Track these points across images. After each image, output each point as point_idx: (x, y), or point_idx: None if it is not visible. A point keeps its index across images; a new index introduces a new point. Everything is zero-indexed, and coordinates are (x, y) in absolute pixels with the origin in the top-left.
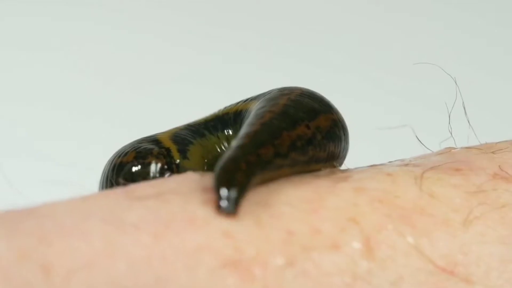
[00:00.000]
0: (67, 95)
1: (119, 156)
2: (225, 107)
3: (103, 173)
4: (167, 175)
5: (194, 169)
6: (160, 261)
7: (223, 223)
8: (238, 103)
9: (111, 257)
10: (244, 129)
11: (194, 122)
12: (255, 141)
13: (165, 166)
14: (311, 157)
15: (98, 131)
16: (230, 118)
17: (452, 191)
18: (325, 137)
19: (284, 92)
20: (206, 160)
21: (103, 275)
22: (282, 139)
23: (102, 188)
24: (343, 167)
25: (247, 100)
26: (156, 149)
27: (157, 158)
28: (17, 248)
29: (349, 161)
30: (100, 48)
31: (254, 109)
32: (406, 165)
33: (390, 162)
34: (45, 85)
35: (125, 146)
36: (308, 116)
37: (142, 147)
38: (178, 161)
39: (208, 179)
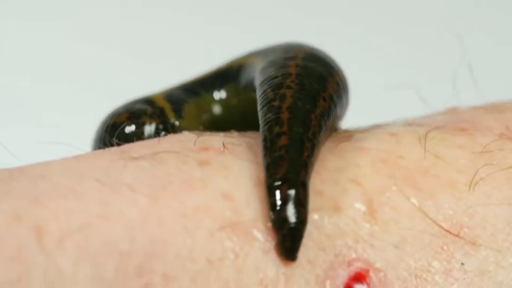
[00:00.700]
0: (57, 60)
1: (112, 117)
2: (227, 62)
3: (96, 134)
4: (162, 134)
5: (189, 129)
6: (157, 223)
7: (221, 184)
8: (240, 57)
9: (107, 219)
10: (271, 114)
11: (188, 81)
12: (296, 146)
13: (160, 126)
14: (326, 127)
15: (90, 93)
16: (233, 71)
17: (457, 152)
18: (335, 105)
19: (289, 56)
20: (201, 120)
21: (98, 237)
22: (313, 126)
23: (96, 149)
24: (344, 126)
25: (249, 54)
26: (149, 109)
27: (151, 118)
28: (9, 210)
29: (352, 121)
30: (94, 12)
31: (262, 72)
32: (410, 124)
33: (393, 121)
34: (33, 50)
35: (118, 107)
36: (320, 85)
37: (135, 108)
38: (172, 120)
39: (204, 138)
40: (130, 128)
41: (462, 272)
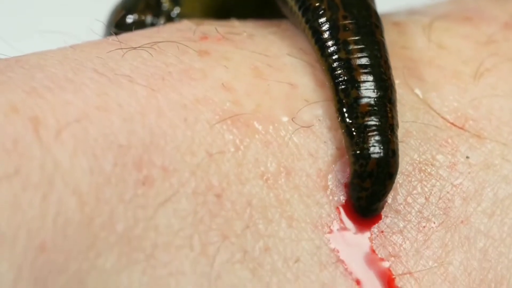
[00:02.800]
0: None
1: (111, 16)
2: None
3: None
4: (161, 23)
5: (189, 17)
6: (156, 115)
7: (221, 75)
8: None
9: (105, 111)
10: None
11: None
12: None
13: (157, 14)
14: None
15: None
16: None
17: (461, 42)
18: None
19: None
20: (200, 7)
21: (96, 130)
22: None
23: None
24: None
25: None
26: (144, 1)
27: (148, 4)
28: (5, 101)
29: None
30: None
31: None
32: (414, 14)
33: (397, 11)
34: None
35: (117, 5)
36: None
37: (131, 2)
38: (170, 8)
39: (204, 28)
40: (128, 19)
41: (467, 165)
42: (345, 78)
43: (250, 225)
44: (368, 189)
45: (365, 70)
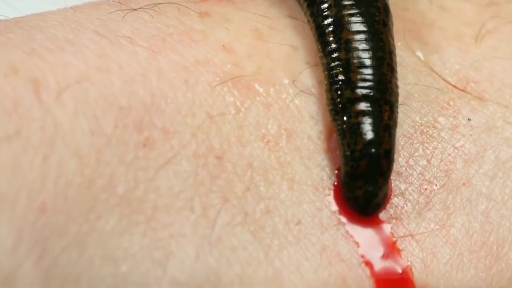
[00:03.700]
0: None
1: None
2: None
3: None
4: None
5: None
6: (157, 77)
7: (222, 37)
8: None
9: (106, 72)
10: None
11: None
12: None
13: None
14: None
15: None
16: None
17: (463, 4)
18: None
19: None
20: None
21: (97, 91)
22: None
23: None
24: None
25: None
26: None
27: None
28: (5, 62)
29: None
30: None
31: None
32: None
33: None
34: None
35: None
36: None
37: None
38: None
39: None
40: None
41: (468, 128)
42: (341, 78)
43: (251, 187)
44: (361, 187)
45: (365, 72)
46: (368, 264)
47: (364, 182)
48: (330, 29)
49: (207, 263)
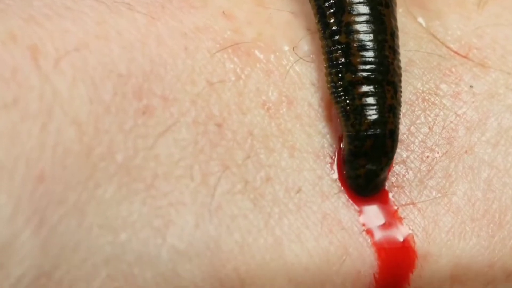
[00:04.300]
0: None
1: None
2: None
3: None
4: None
5: None
6: (156, 43)
7: (222, 3)
8: None
9: (105, 39)
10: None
11: None
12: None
13: None
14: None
15: None
16: None
17: None
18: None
19: None
20: None
21: (95, 58)
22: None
23: None
24: None
25: None
26: None
27: None
28: (3, 29)
29: None
30: None
31: None
32: None
33: None
34: None
35: None
36: None
37: None
38: None
39: None
40: None
41: (470, 95)
42: (341, 61)
43: (251, 155)
44: (364, 166)
45: (366, 55)
46: (370, 232)
47: (367, 161)
48: (331, 11)
49: (206, 231)
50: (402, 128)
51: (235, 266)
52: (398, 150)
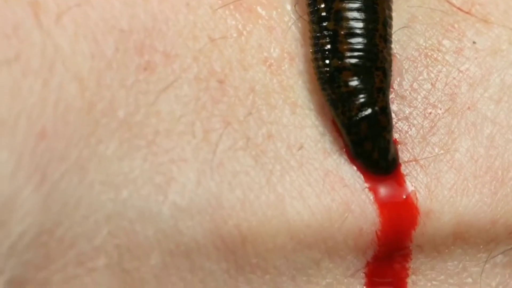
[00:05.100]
0: None
1: None
2: None
3: None
4: None
5: None
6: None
7: None
8: None
9: None
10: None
11: None
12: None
13: None
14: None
15: None
16: None
17: None
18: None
19: None
20: None
21: (96, 13)
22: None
23: None
24: None
25: None
26: None
27: None
28: None
29: None
30: None
31: None
32: None
33: None
34: None
35: None
36: None
37: None
38: None
39: None
40: None
41: (473, 51)
42: (328, 48)
43: (253, 111)
44: (373, 149)
45: (353, 41)
46: (372, 189)
47: (372, 143)
48: None
49: (208, 188)
50: (405, 84)
51: (236, 223)
52: (400, 106)
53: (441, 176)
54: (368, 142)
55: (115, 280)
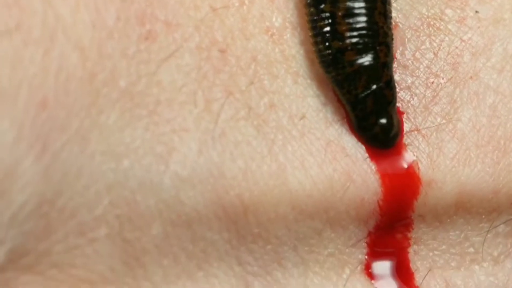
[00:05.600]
0: None
1: None
2: None
3: None
4: None
5: None
6: None
7: None
8: None
9: None
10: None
11: None
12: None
13: None
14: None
15: None
16: None
17: None
18: None
19: None
20: None
21: None
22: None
23: None
24: None
25: None
26: None
27: None
28: None
29: None
30: None
31: None
32: None
33: None
34: None
35: None
36: None
37: None
38: None
39: None
40: None
41: (476, 20)
42: (327, 30)
43: (255, 81)
44: (376, 123)
45: (352, 21)
46: (374, 159)
47: (376, 118)
48: None
49: (210, 158)
50: (407, 53)
51: (238, 192)
52: (403, 75)
53: (443, 146)
54: (373, 116)
55: (116, 250)
